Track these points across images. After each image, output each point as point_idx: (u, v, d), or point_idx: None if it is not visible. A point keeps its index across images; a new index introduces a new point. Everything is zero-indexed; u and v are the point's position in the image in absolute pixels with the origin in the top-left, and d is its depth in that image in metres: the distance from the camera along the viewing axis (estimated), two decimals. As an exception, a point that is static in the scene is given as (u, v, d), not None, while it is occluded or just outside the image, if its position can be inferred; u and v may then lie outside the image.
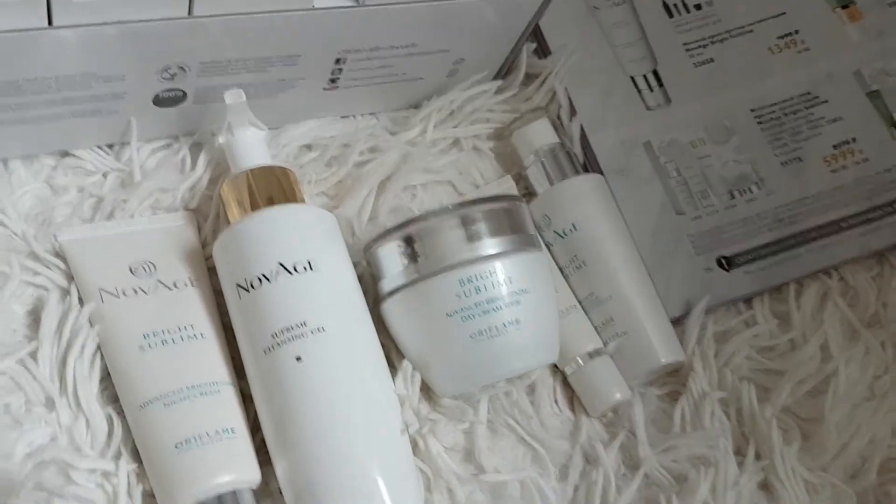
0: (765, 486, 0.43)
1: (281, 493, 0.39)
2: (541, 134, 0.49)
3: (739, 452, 0.44)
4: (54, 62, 0.36)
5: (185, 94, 0.42)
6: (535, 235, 0.43)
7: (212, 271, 0.43)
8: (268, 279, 0.39)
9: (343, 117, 0.50)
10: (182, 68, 0.40)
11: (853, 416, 0.43)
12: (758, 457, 0.43)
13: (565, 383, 0.46)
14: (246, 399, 0.40)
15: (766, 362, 0.46)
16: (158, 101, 0.42)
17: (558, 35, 0.53)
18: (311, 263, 0.39)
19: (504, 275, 0.40)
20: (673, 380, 0.47)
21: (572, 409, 0.46)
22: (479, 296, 0.40)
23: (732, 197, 0.51)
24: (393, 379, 0.41)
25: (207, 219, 0.44)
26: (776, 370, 0.46)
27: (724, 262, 0.49)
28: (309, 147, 0.48)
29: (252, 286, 0.39)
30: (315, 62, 0.43)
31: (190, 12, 0.37)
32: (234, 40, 0.39)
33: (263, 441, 0.39)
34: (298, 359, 0.38)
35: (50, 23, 0.35)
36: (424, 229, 0.40)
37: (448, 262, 0.40)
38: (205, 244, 0.44)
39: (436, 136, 0.50)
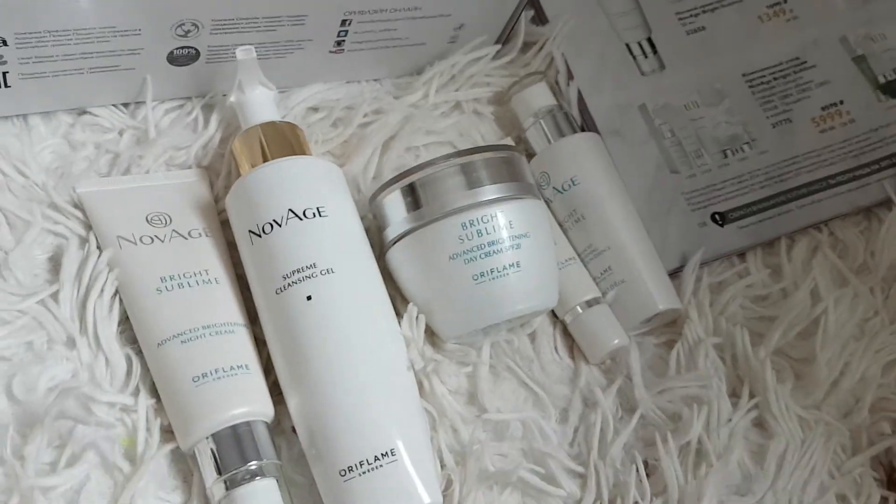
0: (759, 424, 0.44)
1: (294, 432, 0.41)
2: (539, 97, 0.51)
3: (734, 394, 0.45)
4: (75, 14, 0.38)
5: (198, 52, 0.44)
6: (533, 185, 0.44)
7: (224, 225, 0.45)
8: (279, 224, 0.41)
9: (348, 82, 0.51)
10: (195, 25, 0.42)
11: (843, 353, 0.45)
12: (751, 396, 0.45)
13: (565, 332, 0.48)
14: (258, 344, 0.42)
15: (759, 310, 0.48)
16: (172, 59, 0.44)
17: (554, 4, 0.55)
18: (320, 210, 0.41)
19: (505, 219, 0.42)
20: (669, 329, 0.48)
21: (572, 357, 0.47)
22: (480, 238, 0.41)
23: (725, 156, 0.53)
24: (398, 323, 0.42)
25: (219, 175, 0.46)
26: (769, 317, 0.48)
27: (718, 217, 0.51)
28: (315, 109, 0.50)
29: (264, 231, 0.41)
30: (322, 22, 0.45)
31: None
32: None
33: (275, 383, 0.41)
34: (309, 298, 0.39)
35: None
36: (427, 177, 0.42)
37: (451, 207, 0.42)
38: (217, 199, 0.46)
39: (437, 100, 0.51)
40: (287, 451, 0.41)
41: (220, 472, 0.37)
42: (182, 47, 0.43)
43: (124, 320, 0.41)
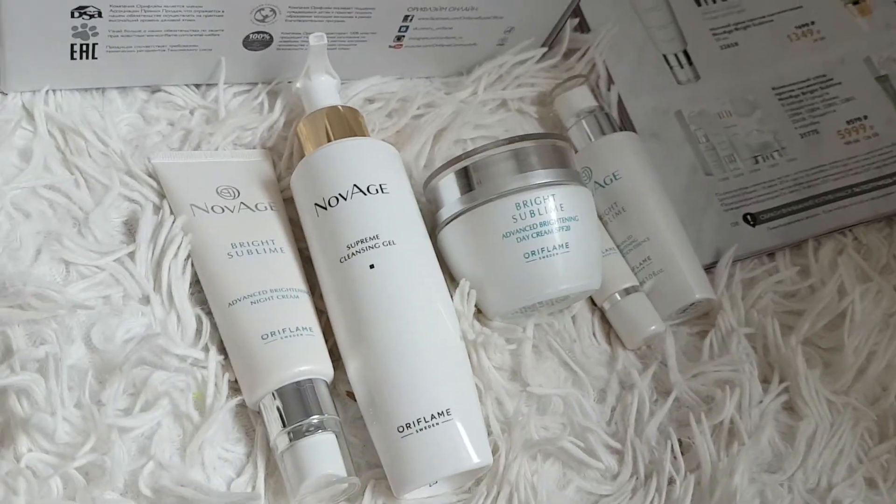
0: (789, 408, 0.47)
1: (348, 396, 0.43)
2: (582, 98, 0.54)
3: (765, 381, 0.48)
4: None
5: (271, 38, 0.47)
6: (580, 173, 0.47)
7: (286, 203, 0.47)
8: (344, 198, 0.43)
9: (400, 78, 0.54)
10: (273, 10, 0.45)
11: (869, 342, 0.47)
12: (782, 381, 0.47)
13: (603, 319, 0.50)
14: (317, 312, 0.44)
15: (788, 304, 0.51)
16: (248, 43, 0.47)
17: (597, 15, 0.58)
18: (382, 187, 0.44)
19: (556, 202, 0.44)
20: (703, 321, 0.51)
21: (609, 343, 0.49)
22: (533, 219, 0.44)
23: (756, 162, 0.55)
24: (451, 297, 0.45)
25: (282, 157, 0.49)
26: (798, 311, 0.50)
27: (749, 218, 0.54)
28: (371, 100, 0.53)
29: (329, 204, 0.43)
30: (386, 16, 0.48)
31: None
32: (322, -14, 0.44)
33: (331, 349, 0.43)
34: (372, 266, 0.42)
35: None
36: (480, 161, 0.45)
37: (506, 188, 0.44)
38: (279, 178, 0.48)
39: (485, 97, 0.54)
40: (342, 414, 0.43)
41: (284, 425, 0.39)
42: (258, 32, 0.46)
43: (194, 283, 0.43)
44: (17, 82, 0.45)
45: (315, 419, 0.39)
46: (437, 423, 0.39)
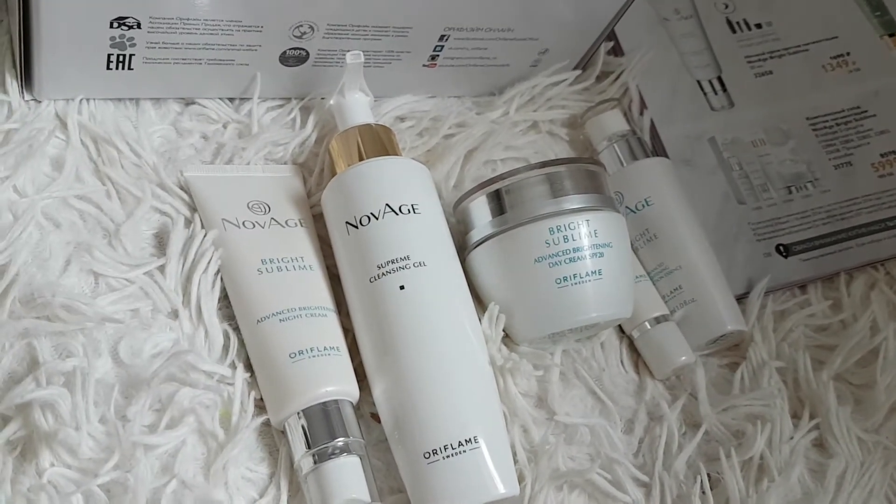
0: (819, 445, 0.46)
1: (373, 417, 0.42)
2: (614, 122, 0.54)
3: (795, 416, 0.47)
4: (208, 4, 0.41)
5: (308, 54, 0.47)
6: (614, 199, 0.47)
7: (316, 219, 0.47)
8: (375, 217, 0.43)
9: (432, 97, 0.54)
10: (312, 27, 0.45)
11: (903, 379, 0.46)
12: (812, 418, 0.46)
13: (631, 347, 0.49)
14: (344, 331, 0.43)
15: (820, 338, 0.50)
16: (284, 59, 0.46)
17: (631, 39, 0.58)
18: (415, 207, 0.43)
19: (589, 228, 0.44)
20: (733, 353, 0.50)
21: (637, 372, 0.49)
22: (566, 244, 0.43)
23: (790, 192, 0.55)
24: (479, 321, 0.44)
25: (313, 173, 0.48)
26: (829, 345, 0.50)
27: (782, 249, 0.53)
28: (403, 119, 0.53)
29: (361, 223, 0.43)
30: (422, 36, 0.48)
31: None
32: (360, 3, 0.44)
33: (356, 368, 0.42)
34: (402, 287, 0.41)
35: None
36: (513, 184, 0.45)
37: (539, 212, 0.44)
38: (310, 195, 0.48)
39: (517, 118, 0.54)
40: (366, 436, 0.42)
41: (309, 446, 0.39)
42: (295, 48, 0.46)
43: (223, 297, 0.43)
44: (52, 90, 0.44)
45: (340, 441, 0.39)
46: (465, 451, 0.39)
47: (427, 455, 0.39)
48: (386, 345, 0.41)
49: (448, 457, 0.39)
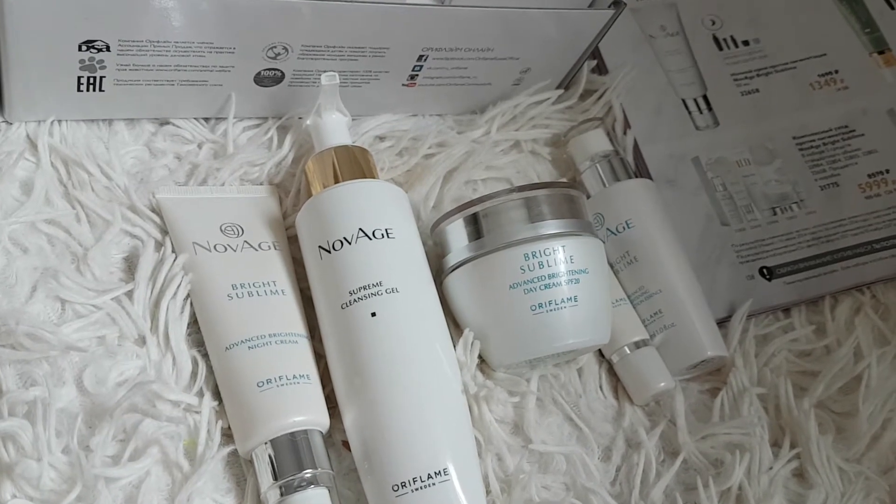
0: (799, 475, 0.45)
1: (344, 446, 0.42)
2: (596, 142, 0.53)
3: (776, 444, 0.46)
4: (178, 27, 0.41)
5: (283, 74, 0.46)
6: (592, 224, 0.46)
7: (291, 241, 0.46)
8: (349, 242, 0.42)
9: (413, 115, 0.53)
10: (286, 48, 0.44)
11: (885, 408, 0.46)
12: (793, 447, 0.45)
13: (610, 372, 0.49)
14: (316, 356, 0.43)
15: (802, 364, 0.49)
16: (259, 79, 0.46)
17: (616, 57, 0.57)
18: (389, 232, 0.42)
19: (566, 253, 0.43)
20: (714, 378, 0.49)
21: (616, 397, 0.48)
22: (541, 270, 0.43)
23: (774, 213, 0.54)
24: (453, 347, 0.43)
25: (289, 193, 0.48)
26: (812, 371, 0.49)
27: (766, 271, 0.52)
28: (382, 138, 0.52)
29: (334, 248, 0.42)
30: (401, 56, 0.47)
31: (301, -5, 0.42)
32: (335, 25, 0.44)
33: (328, 397, 0.42)
34: (373, 314, 0.41)
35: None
36: (492, 208, 0.44)
37: (514, 238, 0.43)
38: (285, 216, 0.47)
39: (498, 138, 0.53)
40: (336, 465, 0.42)
41: (275, 478, 0.38)
42: (270, 69, 0.45)
43: (192, 323, 0.42)
44: (22, 112, 0.44)
45: (308, 473, 0.38)
46: (434, 483, 0.38)
47: (395, 488, 0.38)
48: (356, 373, 0.40)
49: (417, 489, 0.38)
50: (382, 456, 0.39)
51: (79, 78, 0.42)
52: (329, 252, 0.42)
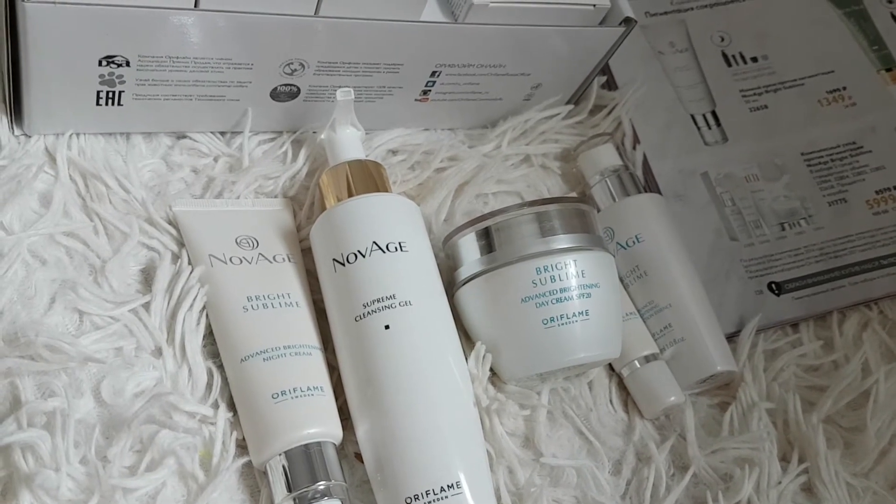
0: (808, 489, 0.45)
1: (357, 458, 0.42)
2: (607, 156, 0.53)
3: (784, 459, 0.46)
4: (197, 43, 0.41)
5: (299, 90, 0.47)
6: (604, 238, 0.46)
7: (305, 253, 0.47)
8: (363, 255, 0.42)
9: (425, 130, 0.54)
10: (302, 65, 0.45)
11: (893, 424, 0.46)
12: (801, 461, 0.46)
13: (620, 386, 0.49)
14: (329, 368, 0.43)
15: (810, 379, 0.49)
16: (275, 95, 0.46)
17: (625, 72, 0.57)
18: (402, 245, 0.43)
19: (577, 268, 0.43)
20: (723, 392, 0.50)
21: (626, 411, 0.48)
22: (553, 284, 0.43)
23: (783, 229, 0.54)
24: (465, 360, 0.44)
25: (303, 207, 0.48)
26: (820, 386, 0.49)
27: (774, 287, 0.53)
28: (395, 152, 0.53)
29: (348, 261, 0.43)
30: (414, 72, 0.48)
31: (316, 12, 0.42)
32: (349, 42, 0.44)
33: (341, 408, 0.42)
34: (387, 327, 0.41)
35: (196, 5, 0.40)
36: (504, 222, 0.44)
37: (527, 252, 0.43)
38: (299, 228, 0.48)
39: (509, 152, 0.54)
40: (349, 477, 0.42)
41: (290, 490, 0.38)
42: (286, 84, 0.46)
43: (207, 335, 0.43)
44: (42, 125, 0.45)
45: (321, 485, 0.38)
46: (447, 497, 0.38)
47: (409, 500, 0.39)
48: (369, 385, 0.41)
49: (430, 502, 0.38)
50: (395, 468, 0.39)
51: (98, 92, 0.43)
52: (343, 265, 0.43)
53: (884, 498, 0.44)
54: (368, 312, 0.41)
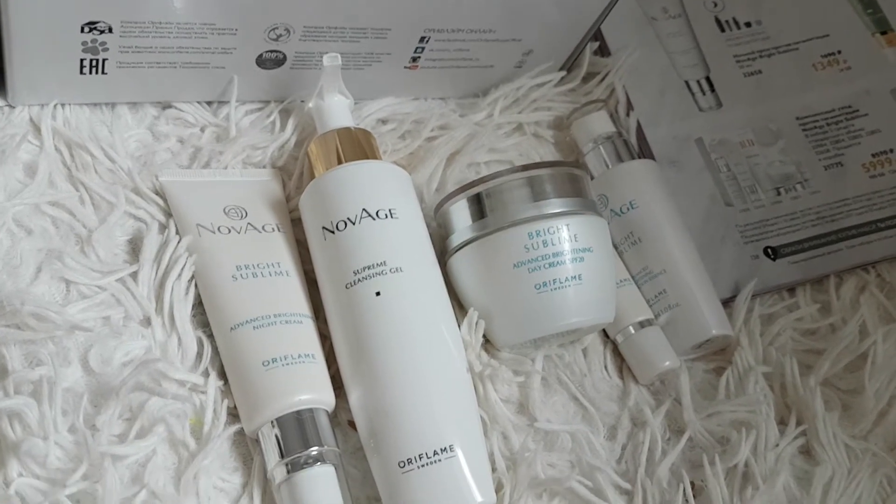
0: (805, 452, 0.45)
1: (350, 425, 0.42)
2: (600, 123, 0.53)
3: (782, 422, 0.46)
4: (180, 7, 0.41)
5: (285, 57, 0.46)
6: (597, 203, 0.46)
7: (294, 223, 0.46)
8: (352, 222, 0.42)
9: (415, 99, 0.53)
10: (287, 30, 0.44)
11: (891, 385, 0.46)
12: (799, 424, 0.45)
13: (615, 352, 0.48)
14: (322, 338, 0.43)
15: (808, 343, 0.49)
16: (261, 62, 0.46)
17: (618, 39, 0.57)
18: (392, 212, 0.42)
19: (570, 232, 0.43)
20: (719, 357, 0.49)
21: (621, 377, 0.48)
22: (545, 249, 0.43)
23: (778, 193, 0.54)
24: (458, 327, 0.43)
25: (292, 176, 0.48)
26: (817, 350, 0.49)
27: (770, 251, 0.52)
28: (384, 121, 0.52)
29: (338, 228, 0.42)
30: (402, 37, 0.47)
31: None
32: (336, 5, 0.44)
33: (334, 377, 0.42)
34: (378, 294, 0.41)
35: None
36: (495, 187, 0.44)
37: (519, 217, 0.43)
38: (288, 198, 0.47)
39: (501, 120, 0.53)
40: (343, 444, 0.42)
41: (282, 456, 0.38)
42: (271, 51, 0.45)
43: (197, 304, 0.42)
44: (25, 96, 0.44)
45: (314, 451, 0.38)
46: (440, 460, 0.38)
47: (402, 464, 0.38)
48: (361, 352, 0.40)
49: (423, 466, 0.38)
50: (388, 433, 0.39)
51: (81, 60, 0.42)
52: (333, 232, 0.42)
53: (883, 459, 0.44)
54: (359, 279, 0.41)
